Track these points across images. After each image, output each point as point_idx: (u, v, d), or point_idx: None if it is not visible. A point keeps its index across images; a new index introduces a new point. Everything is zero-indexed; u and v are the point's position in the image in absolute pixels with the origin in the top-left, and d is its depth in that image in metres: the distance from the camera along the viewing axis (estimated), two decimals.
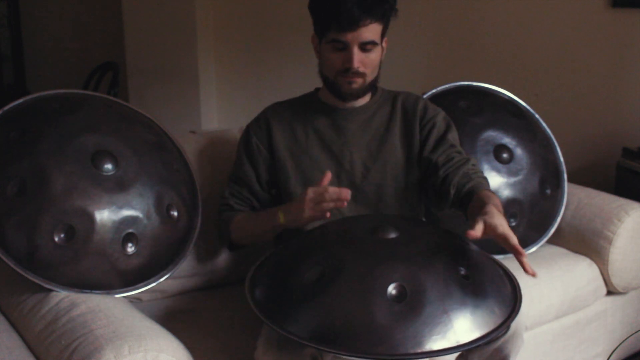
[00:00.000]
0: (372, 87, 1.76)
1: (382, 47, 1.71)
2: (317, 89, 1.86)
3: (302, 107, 1.83)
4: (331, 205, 1.54)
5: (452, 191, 1.69)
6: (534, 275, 1.41)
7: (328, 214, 1.57)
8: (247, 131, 1.84)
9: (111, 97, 1.93)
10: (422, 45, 3.31)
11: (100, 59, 4.12)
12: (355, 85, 1.70)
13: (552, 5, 2.89)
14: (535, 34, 2.97)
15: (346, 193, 1.53)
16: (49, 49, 5.26)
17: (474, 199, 1.62)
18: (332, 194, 1.54)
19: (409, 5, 3.18)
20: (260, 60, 3.93)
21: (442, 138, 1.80)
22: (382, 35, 1.69)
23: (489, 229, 1.42)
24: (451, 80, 2.28)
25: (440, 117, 1.83)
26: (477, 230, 1.41)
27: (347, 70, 1.67)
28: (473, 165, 1.75)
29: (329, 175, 1.57)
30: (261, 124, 1.82)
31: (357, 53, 1.64)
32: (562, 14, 2.88)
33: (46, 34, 5.26)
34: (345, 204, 1.54)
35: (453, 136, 1.81)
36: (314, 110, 1.81)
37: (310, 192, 1.57)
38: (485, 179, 1.74)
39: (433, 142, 1.79)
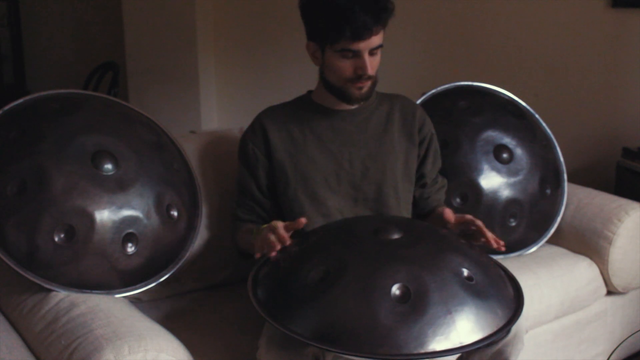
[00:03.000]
0: (375, 87, 1.76)
1: None
2: (309, 92, 1.86)
3: (297, 110, 1.83)
4: (272, 238, 1.55)
5: (427, 209, 1.92)
6: (501, 248, 1.61)
7: (257, 255, 1.58)
8: (243, 139, 1.84)
9: (111, 97, 1.93)
10: (422, 45, 3.32)
11: (100, 59, 4.12)
12: (365, 90, 1.71)
13: (552, 6, 2.89)
14: (535, 34, 2.97)
15: (275, 246, 1.54)
16: (49, 49, 5.27)
17: (434, 213, 1.91)
18: (271, 238, 1.55)
19: (409, 5, 3.19)
20: (260, 60, 3.93)
21: (437, 157, 1.93)
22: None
23: (458, 218, 1.67)
24: (451, 80, 2.28)
25: (433, 130, 1.92)
26: (450, 214, 1.68)
27: (360, 76, 1.68)
28: (445, 191, 1.98)
29: (302, 221, 1.55)
30: (256, 130, 1.81)
31: (368, 59, 1.66)
32: (562, 14, 2.88)
33: (46, 34, 5.26)
34: (274, 253, 1.54)
35: (439, 151, 1.96)
36: (309, 112, 1.81)
37: (266, 230, 1.58)
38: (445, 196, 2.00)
39: (432, 160, 1.91)
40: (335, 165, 1.79)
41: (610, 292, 2.22)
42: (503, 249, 1.60)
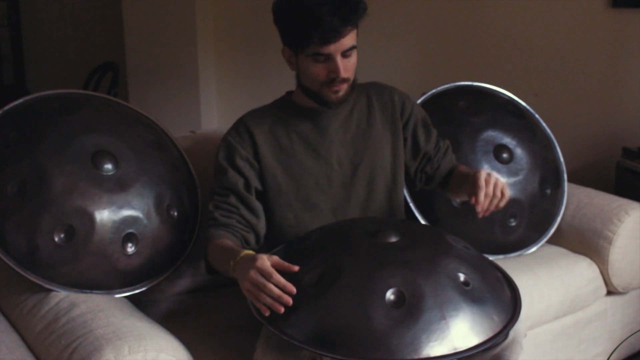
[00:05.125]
0: (353, 88, 1.73)
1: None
2: (288, 92, 1.83)
3: (280, 112, 1.79)
4: (268, 301, 1.38)
5: (443, 175, 1.89)
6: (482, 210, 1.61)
7: (267, 312, 1.40)
8: (228, 142, 1.76)
9: (111, 97, 1.93)
10: (423, 45, 3.31)
11: (100, 59, 4.12)
12: (341, 93, 1.68)
13: (552, 5, 2.89)
14: (535, 34, 2.97)
15: (287, 299, 1.37)
16: (49, 49, 5.27)
17: (453, 174, 1.87)
18: (275, 290, 1.37)
19: (409, 5, 3.20)
20: (260, 60, 3.93)
21: (427, 126, 1.89)
22: (357, 36, 1.68)
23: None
24: (451, 80, 2.28)
25: (414, 105, 1.89)
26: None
27: (333, 80, 1.65)
28: (451, 150, 1.94)
29: (295, 268, 1.42)
30: (242, 133, 1.76)
31: (340, 61, 1.62)
32: (562, 14, 2.88)
33: (46, 34, 5.27)
34: (283, 310, 1.37)
35: (428, 119, 1.92)
36: (292, 115, 1.78)
37: (253, 272, 1.39)
38: (453, 154, 1.96)
39: (423, 132, 1.87)
40: (325, 167, 1.77)
41: (610, 292, 2.22)
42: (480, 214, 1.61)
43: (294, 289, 1.37)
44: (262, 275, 1.38)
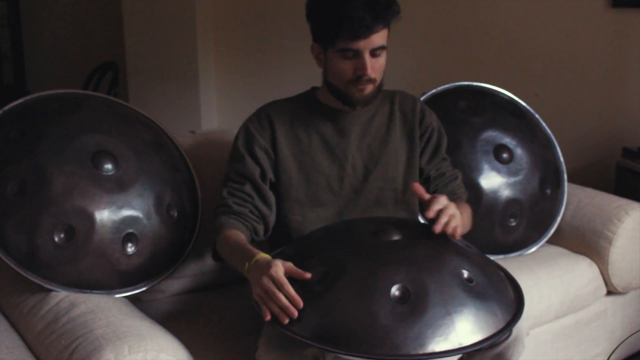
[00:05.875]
0: (379, 91, 1.73)
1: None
2: (313, 89, 1.83)
3: (302, 108, 1.79)
4: (275, 310, 1.39)
5: None
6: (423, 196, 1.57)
7: (268, 316, 1.40)
8: (248, 128, 1.76)
9: (111, 97, 1.93)
10: (423, 45, 3.32)
11: (100, 59, 4.12)
12: (366, 92, 1.67)
13: (552, 5, 2.89)
14: (535, 34, 2.97)
15: (293, 312, 1.38)
16: (49, 49, 5.27)
17: None
18: (283, 300, 1.38)
19: (409, 5, 3.19)
20: (260, 60, 3.94)
21: (438, 149, 1.86)
22: (387, 38, 1.68)
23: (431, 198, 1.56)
24: (451, 80, 2.28)
25: (435, 123, 1.87)
26: (419, 188, 1.57)
27: (360, 78, 1.64)
28: (460, 181, 1.88)
29: (308, 275, 1.43)
30: (263, 122, 1.76)
31: (368, 59, 1.62)
32: (562, 14, 2.88)
33: (46, 34, 5.27)
34: (287, 321, 1.38)
35: (444, 145, 1.88)
36: (315, 112, 1.78)
37: (266, 279, 1.40)
38: (466, 193, 1.90)
39: (430, 152, 1.85)
40: (339, 168, 1.77)
41: (610, 292, 2.22)
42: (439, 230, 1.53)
43: (301, 303, 1.38)
44: (274, 283, 1.40)
